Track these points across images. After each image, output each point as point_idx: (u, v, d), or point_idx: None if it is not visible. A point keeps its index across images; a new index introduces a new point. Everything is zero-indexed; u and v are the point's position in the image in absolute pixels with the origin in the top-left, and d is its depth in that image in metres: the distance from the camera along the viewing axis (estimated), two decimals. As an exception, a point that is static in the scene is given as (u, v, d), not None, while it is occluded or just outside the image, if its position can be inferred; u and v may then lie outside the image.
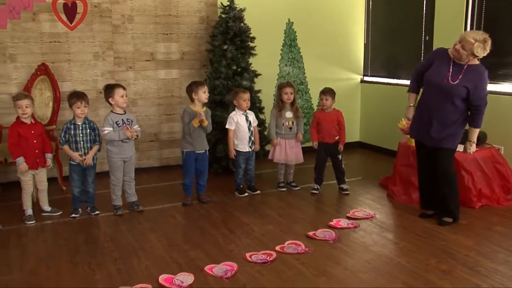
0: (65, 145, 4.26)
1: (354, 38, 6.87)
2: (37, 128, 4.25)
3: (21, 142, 4.14)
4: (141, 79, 5.78)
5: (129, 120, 4.34)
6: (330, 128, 4.89)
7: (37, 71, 5.18)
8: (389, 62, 6.61)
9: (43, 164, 4.29)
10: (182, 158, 4.66)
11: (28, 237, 3.92)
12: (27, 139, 4.15)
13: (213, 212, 4.44)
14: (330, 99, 4.87)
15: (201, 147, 4.60)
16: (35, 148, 4.20)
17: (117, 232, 3.98)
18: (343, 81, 6.87)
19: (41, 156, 4.26)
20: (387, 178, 5.18)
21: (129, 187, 4.47)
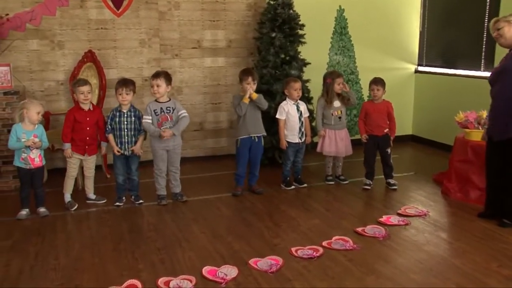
0: (110, 134, 4.35)
1: (409, 25, 6.66)
2: (94, 116, 4.35)
3: (75, 126, 4.29)
4: (187, 67, 5.82)
5: (169, 108, 4.35)
6: (379, 120, 4.77)
7: (83, 58, 5.31)
8: (447, 51, 6.36)
9: (92, 152, 4.40)
10: (236, 147, 4.66)
11: (73, 223, 4.04)
12: (81, 125, 4.28)
13: (258, 204, 4.42)
14: (381, 89, 4.75)
15: (256, 130, 4.59)
16: (86, 135, 4.32)
17: (160, 222, 4.04)
18: (396, 71, 6.68)
19: (91, 143, 4.37)
20: (441, 174, 5.01)
21: (174, 178, 4.51)
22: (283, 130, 4.78)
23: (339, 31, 6.36)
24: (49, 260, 3.33)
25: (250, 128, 4.56)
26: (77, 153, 4.34)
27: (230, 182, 4.81)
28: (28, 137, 4.00)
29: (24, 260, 3.32)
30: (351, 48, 6.45)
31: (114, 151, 4.33)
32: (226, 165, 5.53)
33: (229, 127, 6.05)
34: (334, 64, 6.39)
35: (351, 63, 6.48)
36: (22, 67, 5.23)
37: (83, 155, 4.36)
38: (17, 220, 4.04)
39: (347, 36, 6.40)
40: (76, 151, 4.33)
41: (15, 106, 4.63)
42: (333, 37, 6.36)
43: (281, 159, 5.24)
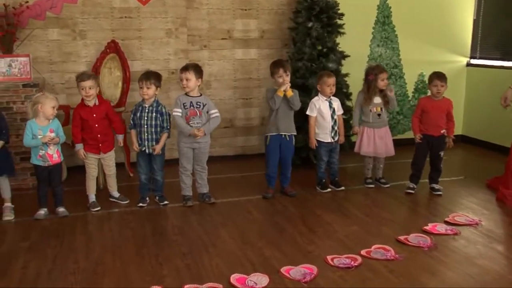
0: (132, 130, 4.39)
1: (461, 13, 6.51)
2: (101, 111, 4.38)
3: (83, 125, 4.33)
4: (217, 59, 5.83)
5: (199, 103, 4.36)
6: (437, 119, 4.66)
7: (106, 49, 5.39)
8: (504, 41, 6.18)
9: (107, 149, 4.45)
10: (266, 145, 4.65)
11: (94, 224, 4.09)
12: (88, 123, 4.32)
13: (291, 208, 4.40)
14: (445, 85, 4.64)
15: (286, 128, 4.57)
16: (97, 132, 4.36)
17: (186, 225, 4.05)
18: (445, 64, 6.53)
19: (104, 140, 4.42)
20: (496, 179, 4.87)
21: (200, 177, 4.53)
22: (313, 128, 4.75)
23: (382, 21, 6.27)
24: (68, 264, 3.37)
25: (281, 125, 4.55)
26: (92, 153, 4.39)
27: (261, 184, 4.80)
28: (44, 133, 4.07)
29: (42, 263, 3.38)
30: (395, 39, 6.35)
31: (134, 147, 4.37)
32: (257, 165, 5.52)
33: (261, 124, 6.03)
34: (375, 57, 6.31)
35: (394, 55, 6.38)
36: (42, 58, 5.34)
37: (98, 154, 4.42)
38: (35, 220, 4.12)
39: (391, 26, 6.30)
40: (90, 151, 4.38)
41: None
42: (375, 27, 6.28)
43: (315, 159, 5.19)
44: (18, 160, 4.73)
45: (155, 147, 4.36)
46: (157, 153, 4.37)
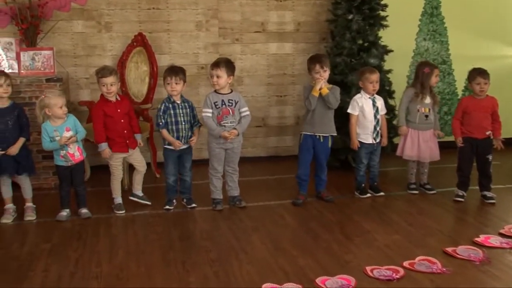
0: (164, 129, 4.37)
1: (518, 4, 6.36)
2: (124, 106, 4.44)
3: (108, 123, 4.36)
4: (249, 53, 5.85)
5: (231, 101, 4.38)
6: (481, 120, 4.57)
7: (133, 42, 5.46)
8: None
9: (134, 145, 4.50)
10: (299, 143, 4.64)
11: (118, 227, 4.14)
12: (114, 119, 4.36)
13: (327, 214, 4.38)
14: (488, 82, 4.54)
15: (322, 129, 4.55)
16: (123, 128, 4.40)
17: (215, 230, 4.07)
18: (499, 60, 6.40)
19: (131, 136, 4.47)
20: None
21: (232, 179, 4.54)
22: (355, 127, 4.70)
23: (430, 12, 6.17)
24: (90, 267, 3.43)
25: (317, 126, 4.53)
26: (120, 152, 4.44)
27: (295, 187, 4.77)
28: (61, 132, 4.13)
29: (63, 266, 3.44)
30: (444, 33, 6.24)
31: (175, 146, 4.36)
32: (291, 167, 5.48)
33: (295, 123, 6.02)
34: (421, 52, 6.22)
35: (442, 50, 6.27)
36: (66, 51, 5.45)
37: (127, 152, 4.47)
38: (57, 221, 4.20)
39: (440, 17, 6.20)
40: (118, 150, 4.42)
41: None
42: (422, 19, 6.19)
43: (355, 162, 5.15)
44: (40, 158, 4.83)
45: (192, 139, 4.40)
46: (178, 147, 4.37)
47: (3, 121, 4.16)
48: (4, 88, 4.14)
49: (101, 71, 4.34)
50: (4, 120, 4.16)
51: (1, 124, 4.15)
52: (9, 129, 4.16)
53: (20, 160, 4.21)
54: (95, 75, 4.40)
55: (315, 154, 4.61)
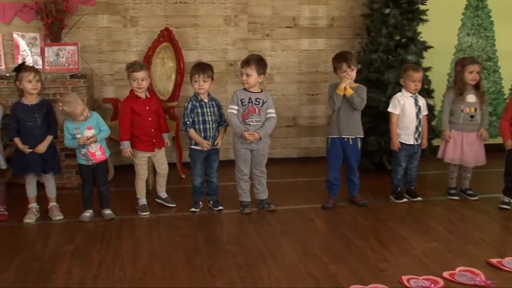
0: (191, 129, 4.40)
1: None
2: (153, 104, 4.49)
3: (135, 120, 4.41)
4: (280, 49, 5.86)
5: (258, 100, 4.38)
6: None
7: (159, 37, 5.51)
8: None
9: (161, 145, 4.54)
10: (327, 148, 4.64)
11: (142, 229, 4.19)
12: (141, 116, 4.41)
13: (360, 219, 4.36)
14: None
15: (349, 131, 4.53)
16: (150, 127, 4.45)
17: (243, 234, 4.09)
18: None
19: (158, 135, 4.51)
20: None
21: (259, 182, 4.55)
22: (395, 127, 4.66)
23: (475, 5, 6.08)
24: (114, 270, 3.47)
25: (343, 127, 4.52)
26: (146, 151, 4.48)
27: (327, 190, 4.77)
28: (82, 130, 4.19)
29: (86, 269, 3.49)
30: (489, 27, 6.13)
31: (203, 146, 4.38)
32: (322, 169, 5.44)
33: (327, 123, 5.97)
34: (464, 48, 6.13)
35: (488, 46, 6.16)
36: (90, 46, 5.54)
37: (153, 151, 4.51)
38: (80, 222, 4.27)
39: (485, 11, 6.10)
40: (144, 148, 4.47)
41: (81, 92, 4.91)
42: (466, 12, 6.10)
43: (391, 164, 5.11)
44: (63, 157, 4.90)
45: (217, 141, 4.44)
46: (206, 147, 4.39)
47: (32, 118, 4.24)
48: (33, 84, 4.21)
49: (132, 66, 4.41)
50: (32, 117, 4.24)
51: (30, 121, 4.23)
52: (38, 126, 4.24)
53: (48, 158, 4.28)
54: (126, 70, 4.46)
55: (345, 157, 4.59)
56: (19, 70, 4.22)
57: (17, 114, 4.23)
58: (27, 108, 4.24)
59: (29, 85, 4.19)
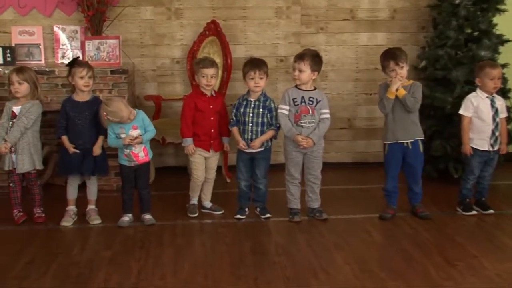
0: (234, 127, 4.48)
1: None
2: (217, 103, 4.55)
3: (196, 117, 4.49)
4: (335, 44, 5.84)
5: (312, 99, 4.36)
6: None
7: (205, 31, 5.57)
8: None
9: (217, 148, 4.60)
10: (384, 155, 4.59)
11: (184, 236, 4.23)
12: (204, 114, 4.48)
13: (423, 232, 4.28)
14: None
15: (406, 135, 4.46)
16: (211, 127, 4.52)
17: (292, 244, 4.07)
18: None
19: (217, 137, 4.57)
20: None
21: (312, 189, 4.53)
22: (467, 131, 4.55)
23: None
24: (153, 280, 3.52)
25: (398, 131, 4.45)
26: (202, 149, 4.53)
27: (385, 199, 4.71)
28: (127, 130, 4.26)
29: (125, 277, 3.55)
30: None
31: (240, 146, 4.44)
32: (380, 175, 5.38)
33: (387, 125, 5.94)
34: (548, 42, 5.91)
35: None
36: (132, 40, 5.65)
37: (208, 152, 4.56)
38: (119, 227, 4.35)
39: None
40: (200, 145, 4.52)
41: (122, 88, 5.00)
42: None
43: (457, 172, 5.01)
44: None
45: (254, 141, 4.42)
46: (256, 148, 4.41)
47: (82, 116, 4.35)
48: (85, 80, 4.32)
49: (202, 61, 4.51)
50: (83, 115, 4.35)
51: (80, 119, 4.34)
52: (87, 124, 4.36)
53: (97, 159, 4.39)
54: (195, 65, 4.55)
55: (406, 164, 4.52)
56: (72, 65, 4.34)
57: (66, 111, 4.35)
58: (78, 105, 4.37)
59: (81, 82, 4.30)
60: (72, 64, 4.36)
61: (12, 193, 4.45)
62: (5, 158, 4.34)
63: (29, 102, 4.34)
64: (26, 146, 4.33)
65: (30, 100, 4.34)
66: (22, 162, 4.33)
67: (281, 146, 4.72)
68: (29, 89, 4.32)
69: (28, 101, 4.34)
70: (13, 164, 4.35)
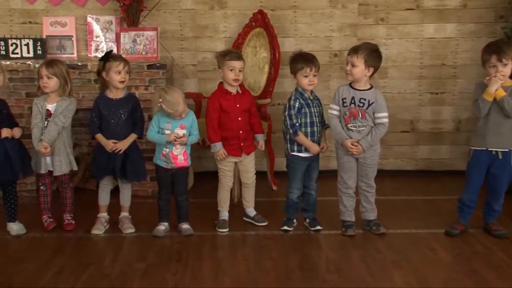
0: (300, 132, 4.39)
1: None
2: (244, 101, 4.55)
3: (222, 119, 4.50)
4: (397, 37, 5.80)
5: (363, 100, 4.30)
6: None
7: (251, 22, 5.60)
8: None
9: (249, 150, 4.60)
10: (468, 161, 4.52)
11: (225, 249, 4.26)
12: (229, 115, 4.49)
13: (499, 253, 4.19)
14: None
15: (497, 142, 4.35)
16: (239, 128, 4.52)
17: (345, 260, 4.06)
18: None
19: (246, 138, 4.57)
20: None
21: (366, 198, 4.51)
22: None
23: None
24: (192, 296, 3.56)
25: (489, 137, 4.35)
26: (232, 156, 4.55)
27: (452, 213, 4.65)
28: (174, 127, 4.31)
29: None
30: None
31: (313, 151, 4.42)
32: (446, 186, 5.38)
33: (455, 129, 5.91)
34: None
35: None
36: (171, 32, 5.72)
37: (240, 156, 4.58)
38: (153, 237, 4.40)
39: None
40: (230, 153, 4.53)
41: (159, 85, 5.05)
42: None
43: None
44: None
45: (324, 144, 4.46)
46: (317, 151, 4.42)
47: (116, 115, 4.42)
48: (122, 75, 4.39)
49: (228, 53, 4.52)
50: (117, 114, 4.42)
51: (113, 118, 4.42)
52: (121, 123, 4.42)
53: (131, 161, 4.44)
54: (220, 57, 4.54)
55: (490, 175, 4.42)
56: (107, 59, 4.40)
57: (99, 109, 4.43)
58: (112, 102, 4.44)
59: (117, 77, 4.37)
60: (106, 58, 4.42)
61: (43, 197, 4.55)
62: (40, 160, 4.41)
63: (65, 99, 4.42)
64: (62, 146, 4.42)
65: (61, 96, 4.40)
66: (60, 163, 4.42)
67: (332, 150, 4.71)
68: (59, 84, 4.38)
69: (63, 98, 4.41)
70: (48, 166, 4.43)
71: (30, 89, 5.02)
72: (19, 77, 5.12)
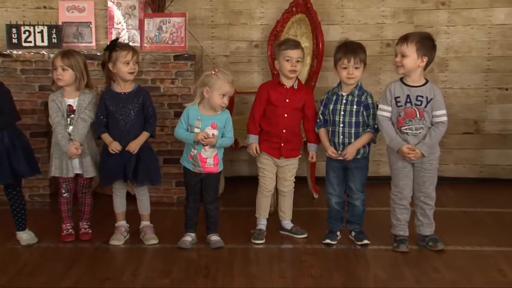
0: (322, 129, 4.48)
1: None
2: (297, 98, 4.53)
3: (267, 111, 4.53)
4: (460, 24, 5.78)
5: (420, 98, 4.25)
6: None
7: (292, 7, 5.62)
8: None
9: (290, 154, 4.59)
10: None
11: (259, 264, 4.26)
12: (276, 109, 4.50)
13: None
14: None
15: None
16: (283, 126, 4.52)
17: (396, 280, 4.02)
18: None
19: (290, 140, 4.56)
20: None
21: (423, 211, 4.45)
22: None
23: None
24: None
25: None
26: (269, 155, 4.57)
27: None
28: (204, 125, 4.30)
29: (185, 310, 3.65)
30: None
31: (328, 153, 4.45)
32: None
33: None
34: None
35: None
36: (201, 18, 5.77)
37: (278, 158, 4.58)
38: (179, 248, 4.42)
39: None
40: (267, 150, 4.55)
41: (187, 78, 5.09)
42: None
43: None
44: (161, 161, 5.09)
45: (346, 149, 4.40)
46: (350, 157, 4.38)
47: (125, 111, 4.43)
48: (130, 66, 4.40)
49: (285, 42, 4.57)
50: (126, 110, 4.43)
51: (122, 115, 4.43)
52: (130, 121, 4.43)
53: (144, 163, 4.44)
54: (276, 47, 4.58)
55: None
56: (113, 49, 4.40)
57: (106, 105, 4.43)
58: (119, 97, 4.44)
59: (125, 68, 4.37)
60: (111, 47, 4.41)
61: (66, 205, 4.56)
62: (67, 163, 4.43)
63: (85, 92, 4.46)
64: (91, 145, 4.49)
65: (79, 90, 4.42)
66: (88, 164, 4.47)
67: (383, 154, 4.68)
68: (74, 77, 4.39)
69: (84, 92, 4.45)
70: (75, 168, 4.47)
71: (44, 81, 5.10)
72: (32, 68, 5.20)
